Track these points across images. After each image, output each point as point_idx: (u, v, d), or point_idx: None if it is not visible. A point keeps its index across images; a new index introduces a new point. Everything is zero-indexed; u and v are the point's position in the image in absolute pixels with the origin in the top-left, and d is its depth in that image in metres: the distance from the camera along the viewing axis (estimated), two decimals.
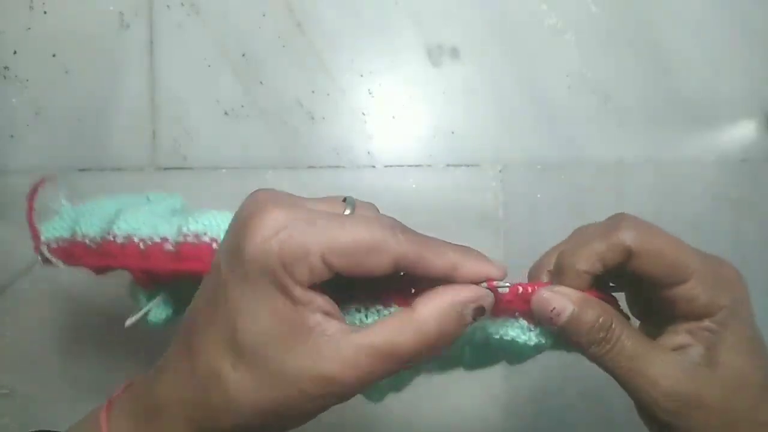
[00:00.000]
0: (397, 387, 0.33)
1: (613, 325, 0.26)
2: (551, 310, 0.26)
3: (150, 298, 0.35)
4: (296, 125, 0.61)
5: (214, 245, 0.31)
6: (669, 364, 0.26)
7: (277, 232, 0.23)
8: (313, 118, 0.61)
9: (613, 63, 0.63)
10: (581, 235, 0.29)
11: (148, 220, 0.33)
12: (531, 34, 0.62)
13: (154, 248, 0.32)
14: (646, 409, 0.27)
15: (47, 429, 0.35)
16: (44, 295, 0.58)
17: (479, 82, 0.62)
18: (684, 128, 0.64)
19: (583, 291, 0.27)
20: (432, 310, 0.24)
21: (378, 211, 0.28)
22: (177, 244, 0.32)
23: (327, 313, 0.24)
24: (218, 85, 0.60)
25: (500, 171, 0.62)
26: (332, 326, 0.24)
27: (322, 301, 0.24)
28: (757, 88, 0.65)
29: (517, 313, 0.28)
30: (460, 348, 0.32)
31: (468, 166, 0.62)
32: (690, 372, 0.26)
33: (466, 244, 0.28)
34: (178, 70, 0.60)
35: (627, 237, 0.27)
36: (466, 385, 0.61)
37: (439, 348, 0.24)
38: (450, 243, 0.26)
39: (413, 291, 0.26)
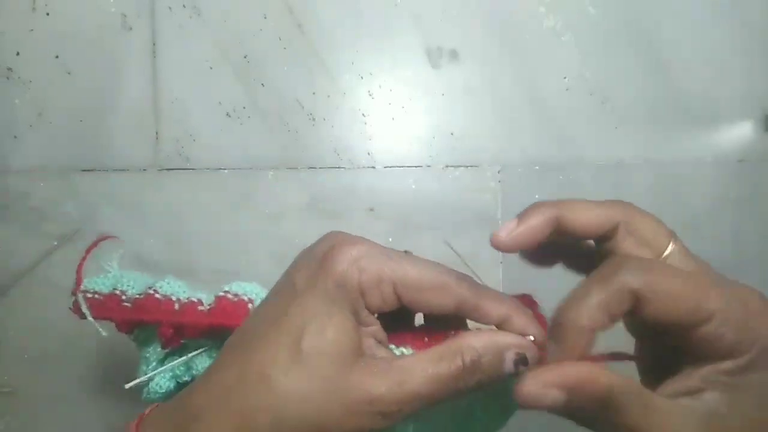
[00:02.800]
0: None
1: (613, 397, 0.23)
2: (542, 407, 0.23)
3: (159, 364, 0.37)
4: (297, 126, 0.61)
5: (250, 305, 0.33)
6: (680, 423, 0.23)
7: (359, 260, 0.25)
8: (313, 119, 0.61)
9: (611, 64, 0.64)
10: (578, 287, 0.25)
11: (188, 289, 0.36)
12: (530, 36, 0.63)
13: (190, 306, 0.35)
14: None
15: (49, 428, 0.36)
16: (45, 295, 0.59)
17: (478, 83, 0.63)
18: (682, 129, 0.65)
19: (583, 353, 0.23)
20: (479, 342, 0.25)
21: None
22: (214, 301, 0.34)
23: (380, 341, 0.26)
24: (220, 87, 0.61)
25: (499, 172, 0.63)
26: (382, 351, 0.26)
27: (378, 329, 0.26)
28: (755, 88, 0.65)
29: None
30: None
31: (467, 166, 0.62)
32: (705, 422, 0.23)
33: (466, 244, 0.29)
34: (180, 71, 0.60)
35: (630, 280, 0.23)
36: None
37: (478, 384, 0.25)
38: (502, 295, 0.27)
39: (426, 339, 0.28)
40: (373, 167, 0.62)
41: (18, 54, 0.59)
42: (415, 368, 0.24)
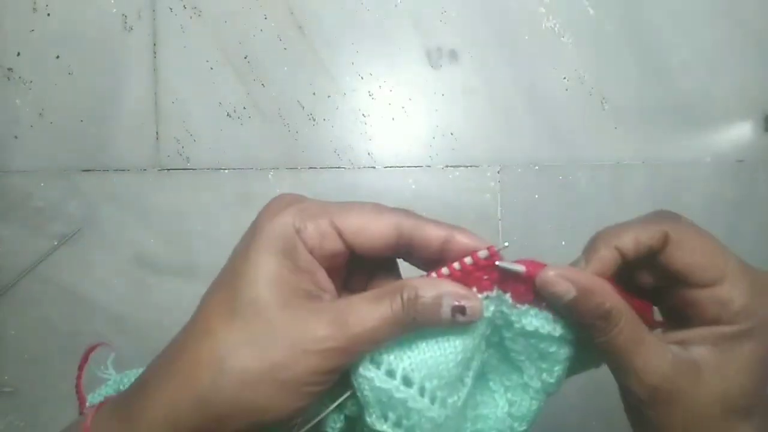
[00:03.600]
0: None
1: (612, 314, 0.26)
2: (551, 293, 0.26)
3: None
4: (297, 127, 0.61)
5: None
6: (658, 358, 0.26)
7: (290, 205, 0.25)
8: (314, 120, 0.62)
9: (610, 65, 0.64)
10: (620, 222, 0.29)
11: None
12: (529, 37, 0.63)
13: None
14: (626, 395, 0.27)
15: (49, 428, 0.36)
16: (47, 294, 0.59)
17: (478, 83, 0.63)
18: (680, 129, 0.65)
19: (607, 270, 0.27)
20: (420, 283, 0.25)
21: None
22: None
23: (323, 288, 0.26)
24: (220, 87, 0.61)
25: (498, 171, 0.63)
26: (326, 296, 0.26)
27: (323, 276, 0.26)
28: (753, 89, 0.65)
29: (543, 304, 0.27)
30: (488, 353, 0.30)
31: (467, 166, 0.63)
32: (679, 370, 0.26)
33: None
34: (180, 72, 0.60)
35: (666, 224, 0.27)
36: None
37: (415, 325, 0.25)
38: (441, 222, 0.27)
39: None
40: (374, 167, 0.62)
41: (19, 54, 0.59)
42: (358, 307, 0.24)
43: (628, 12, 0.64)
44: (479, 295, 0.26)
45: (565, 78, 0.63)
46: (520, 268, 0.26)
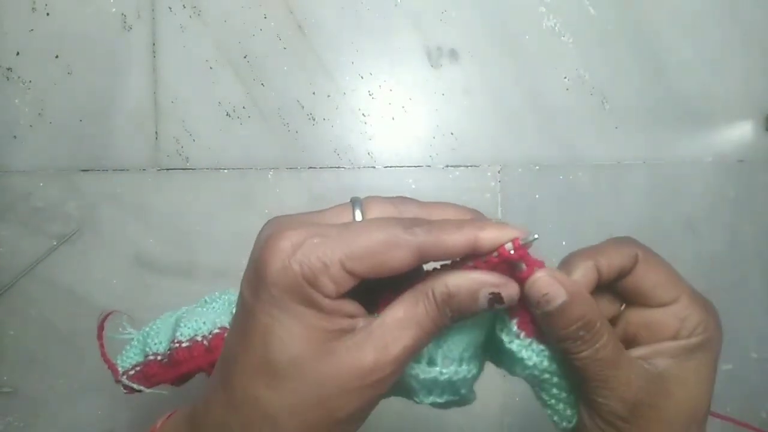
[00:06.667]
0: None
1: (597, 327, 0.26)
2: (543, 294, 0.25)
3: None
4: (297, 126, 0.61)
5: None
6: (637, 372, 0.27)
7: (294, 252, 0.23)
8: (313, 119, 0.61)
9: (611, 64, 0.64)
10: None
11: (208, 317, 0.35)
12: (530, 36, 0.63)
13: (217, 339, 0.34)
14: (600, 412, 0.27)
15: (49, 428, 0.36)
16: (46, 294, 0.59)
17: (478, 83, 0.63)
18: (681, 129, 0.65)
19: (586, 288, 0.27)
20: (450, 278, 0.25)
21: (385, 203, 0.28)
22: (210, 339, 0.34)
23: (353, 315, 0.25)
24: (220, 87, 0.61)
25: (499, 171, 0.63)
26: (360, 322, 0.25)
27: (350, 307, 0.25)
28: (754, 89, 0.65)
29: (523, 333, 0.27)
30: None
31: (467, 166, 0.63)
32: (652, 383, 0.27)
33: None
34: (180, 71, 0.60)
35: (636, 247, 0.29)
36: None
37: (453, 320, 0.25)
38: (456, 220, 0.26)
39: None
40: (374, 167, 0.62)
41: (18, 54, 0.59)
42: (393, 324, 0.24)
43: (629, 11, 0.64)
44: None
45: (565, 78, 0.63)
46: (524, 266, 0.26)
